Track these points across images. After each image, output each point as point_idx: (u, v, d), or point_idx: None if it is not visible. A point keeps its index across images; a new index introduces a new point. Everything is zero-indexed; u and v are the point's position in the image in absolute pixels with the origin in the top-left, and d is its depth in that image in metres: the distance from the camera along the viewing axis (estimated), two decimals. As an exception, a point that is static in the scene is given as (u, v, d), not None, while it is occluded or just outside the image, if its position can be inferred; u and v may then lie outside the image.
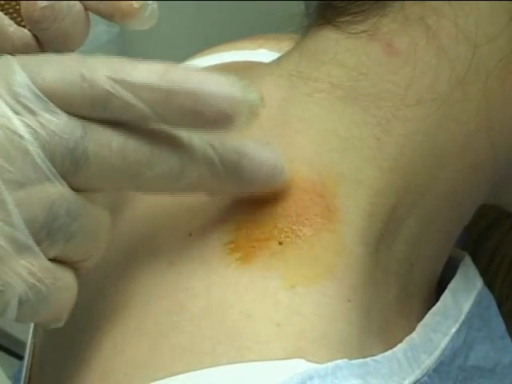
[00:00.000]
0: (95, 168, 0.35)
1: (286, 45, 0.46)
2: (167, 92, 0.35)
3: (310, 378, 0.34)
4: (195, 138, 0.37)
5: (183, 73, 0.35)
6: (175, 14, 1.15)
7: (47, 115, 0.34)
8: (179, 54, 0.60)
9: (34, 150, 0.34)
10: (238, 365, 0.35)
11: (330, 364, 0.35)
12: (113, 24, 0.41)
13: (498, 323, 0.47)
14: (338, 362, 0.35)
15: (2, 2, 0.38)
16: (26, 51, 0.39)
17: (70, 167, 0.34)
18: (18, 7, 0.39)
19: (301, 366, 0.35)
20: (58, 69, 0.35)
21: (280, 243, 0.38)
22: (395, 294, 0.42)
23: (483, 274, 0.47)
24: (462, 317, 0.44)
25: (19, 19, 0.39)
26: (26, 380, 0.49)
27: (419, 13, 0.40)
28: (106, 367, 0.36)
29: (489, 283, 0.48)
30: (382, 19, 0.41)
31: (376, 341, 0.40)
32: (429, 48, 0.40)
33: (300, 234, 0.39)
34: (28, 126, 0.34)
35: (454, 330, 0.43)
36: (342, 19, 0.42)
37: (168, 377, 0.35)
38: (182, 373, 0.35)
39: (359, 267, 0.39)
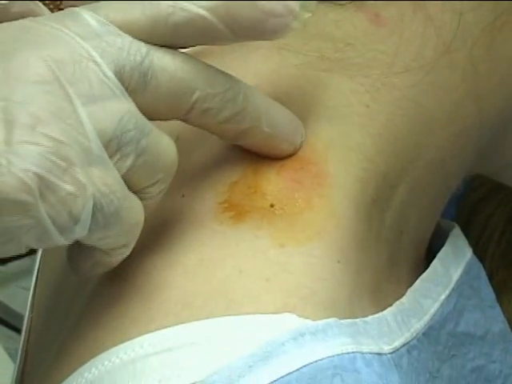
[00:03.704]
0: (162, 80, 0.36)
1: None
2: None
3: (302, 335, 0.35)
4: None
5: None
6: None
7: (113, 37, 0.36)
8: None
9: (103, 67, 0.35)
10: (229, 317, 0.36)
11: (321, 322, 0.36)
12: None
13: (488, 292, 0.48)
14: (329, 320, 0.36)
15: (47, 1, 0.40)
16: None
17: (139, 81, 0.36)
18: (57, 3, 0.40)
19: (292, 321, 0.36)
20: (119, 3, 0.37)
21: (271, 206, 0.39)
22: (385, 260, 0.43)
23: (474, 246, 0.48)
24: (452, 284, 0.45)
25: (57, 12, 0.40)
26: (23, 354, 0.50)
27: None
28: (99, 321, 0.37)
29: (480, 255, 0.48)
30: None
31: (366, 303, 0.40)
32: (415, 17, 0.41)
33: (291, 198, 0.39)
34: (96, 46, 0.35)
35: (443, 296, 0.44)
36: None
37: (160, 329, 0.36)
38: (174, 325, 0.36)
39: (350, 231, 0.40)
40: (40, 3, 0.40)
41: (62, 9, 0.40)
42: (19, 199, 0.32)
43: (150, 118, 0.37)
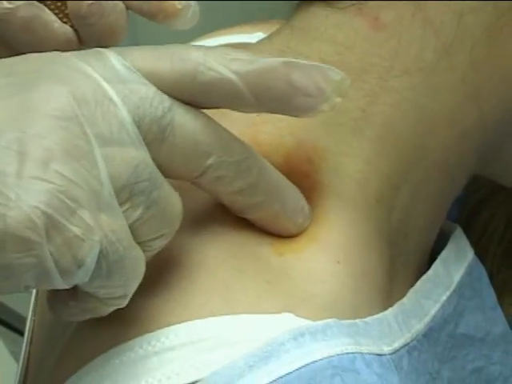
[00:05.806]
0: (179, 139, 0.35)
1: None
2: (258, 63, 0.36)
3: (302, 335, 0.36)
4: None
5: (272, 55, 0.36)
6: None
7: (137, 85, 0.35)
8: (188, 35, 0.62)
9: (123, 113, 0.34)
10: (229, 316, 0.36)
11: (320, 322, 0.36)
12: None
13: (489, 294, 0.48)
14: (328, 320, 0.36)
15: (48, 2, 0.40)
16: (68, 46, 0.40)
17: (157, 135, 0.35)
18: (61, 6, 0.41)
19: (291, 320, 0.36)
20: (148, 49, 0.36)
21: None
22: (389, 261, 0.43)
23: (475, 246, 0.48)
24: (453, 286, 0.45)
25: (61, 15, 0.40)
26: (26, 356, 0.50)
27: None
28: (100, 322, 0.37)
29: (480, 255, 0.48)
30: None
31: (369, 304, 0.40)
32: (414, 20, 0.41)
33: None
34: (118, 91, 0.35)
35: (444, 297, 0.44)
36: None
37: (161, 328, 0.36)
38: (174, 324, 0.36)
39: (348, 232, 0.40)
40: (46, 8, 0.40)
41: (63, 10, 0.40)
42: (24, 236, 0.31)
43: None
